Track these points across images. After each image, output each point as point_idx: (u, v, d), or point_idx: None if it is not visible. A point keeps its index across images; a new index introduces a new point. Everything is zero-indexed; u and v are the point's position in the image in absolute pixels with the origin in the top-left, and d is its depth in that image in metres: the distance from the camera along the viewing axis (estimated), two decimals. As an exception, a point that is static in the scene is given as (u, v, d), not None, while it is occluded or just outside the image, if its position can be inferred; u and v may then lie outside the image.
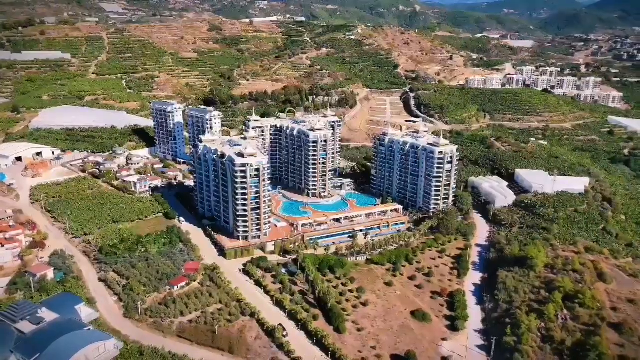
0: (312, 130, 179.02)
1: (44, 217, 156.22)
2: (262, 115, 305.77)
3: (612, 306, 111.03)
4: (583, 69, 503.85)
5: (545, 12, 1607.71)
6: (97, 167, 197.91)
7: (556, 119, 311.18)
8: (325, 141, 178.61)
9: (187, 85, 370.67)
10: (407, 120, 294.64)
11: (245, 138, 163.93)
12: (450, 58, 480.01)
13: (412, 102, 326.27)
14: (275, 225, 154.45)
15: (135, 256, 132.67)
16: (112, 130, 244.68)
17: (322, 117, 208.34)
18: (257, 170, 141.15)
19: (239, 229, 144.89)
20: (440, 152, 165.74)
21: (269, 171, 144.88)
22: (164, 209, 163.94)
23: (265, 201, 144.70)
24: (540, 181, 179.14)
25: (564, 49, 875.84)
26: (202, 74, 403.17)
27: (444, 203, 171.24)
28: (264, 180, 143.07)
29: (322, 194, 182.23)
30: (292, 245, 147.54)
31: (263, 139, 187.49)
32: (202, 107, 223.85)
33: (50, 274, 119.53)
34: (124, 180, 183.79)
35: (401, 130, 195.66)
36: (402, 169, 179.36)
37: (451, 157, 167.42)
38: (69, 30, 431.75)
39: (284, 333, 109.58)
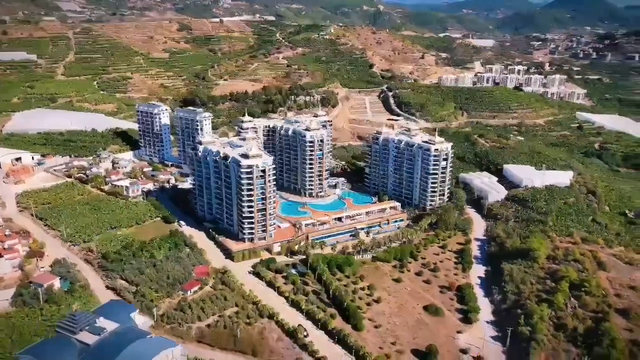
0: (307, 130, 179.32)
1: (35, 225, 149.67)
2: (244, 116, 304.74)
3: (616, 293, 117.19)
4: (547, 67, 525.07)
5: (501, 13, 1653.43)
6: (84, 172, 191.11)
7: (529, 115, 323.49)
8: (322, 141, 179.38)
9: (162, 86, 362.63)
10: (388, 119, 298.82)
11: (244, 139, 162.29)
12: (422, 57, 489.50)
13: (392, 101, 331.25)
14: (279, 226, 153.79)
15: (142, 262, 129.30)
16: (93, 133, 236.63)
17: (314, 116, 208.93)
18: (263, 171, 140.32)
19: (244, 231, 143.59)
20: (436, 150, 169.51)
21: (273, 172, 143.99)
22: (162, 213, 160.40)
23: (271, 202, 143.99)
24: (528, 175, 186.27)
25: (523, 47, 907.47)
26: (176, 75, 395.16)
27: (439, 199, 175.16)
28: (269, 181, 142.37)
29: (319, 194, 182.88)
30: (297, 246, 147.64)
31: (257, 139, 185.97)
32: (191, 108, 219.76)
33: (57, 283, 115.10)
34: (115, 185, 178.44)
35: (393, 128, 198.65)
36: (397, 167, 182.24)
37: (446, 155, 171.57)
38: (33, 30, 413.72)
39: (305, 333, 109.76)
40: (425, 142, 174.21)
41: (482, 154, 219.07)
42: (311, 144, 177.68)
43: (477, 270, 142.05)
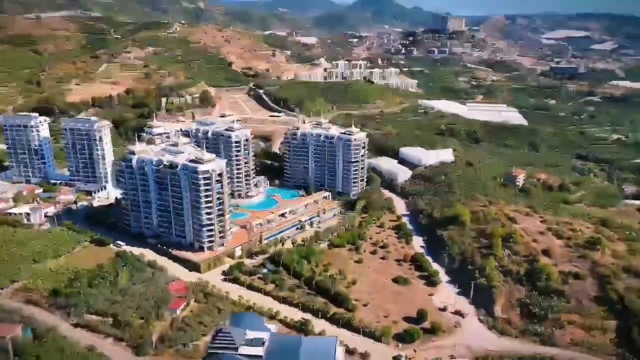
0: (231, 130, 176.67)
1: None
2: (115, 123, 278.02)
3: (532, 239, 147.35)
4: (380, 61, 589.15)
5: (314, 12, 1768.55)
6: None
7: (386, 104, 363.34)
8: (247, 140, 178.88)
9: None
10: (271, 116, 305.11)
11: (176, 145, 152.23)
12: (273, 55, 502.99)
13: (267, 98, 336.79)
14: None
15: (108, 290, 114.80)
16: None
17: (221, 116, 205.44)
18: (220, 175, 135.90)
19: (203, 240, 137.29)
20: (356, 140, 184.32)
21: (228, 175, 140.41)
22: (89, 236, 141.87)
23: (228, 207, 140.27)
24: (424, 155, 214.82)
25: (343, 45, 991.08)
26: (2, 81, 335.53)
27: (360, 185, 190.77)
28: (225, 185, 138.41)
29: (248, 194, 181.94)
30: (256, 247, 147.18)
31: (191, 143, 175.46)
32: (83, 117, 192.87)
33: (19, 331, 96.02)
34: (9, 213, 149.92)
35: (304, 123, 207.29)
36: (318, 159, 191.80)
37: (364, 143, 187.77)
38: None
39: (312, 325, 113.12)
40: (344, 133, 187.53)
41: (375, 141, 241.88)
42: (237, 144, 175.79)
43: (417, 241, 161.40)
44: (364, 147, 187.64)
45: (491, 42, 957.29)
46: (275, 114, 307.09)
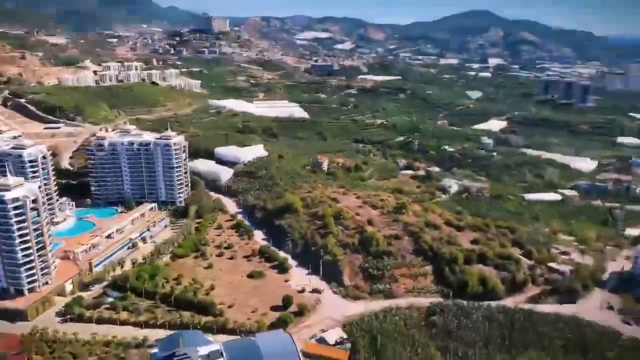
0: (22, 147, 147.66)
1: None
2: None
3: (356, 213, 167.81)
4: (155, 62, 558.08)
5: (52, 8, 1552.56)
6: None
7: (177, 106, 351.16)
8: (45, 157, 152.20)
9: None
10: (46, 127, 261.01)
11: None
12: (23, 57, 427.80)
13: (33, 108, 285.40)
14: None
15: None
16: None
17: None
18: (35, 201, 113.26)
19: (21, 282, 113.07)
20: (175, 144, 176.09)
21: (44, 200, 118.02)
22: None
23: (49, 237, 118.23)
24: (240, 154, 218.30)
25: (102, 45, 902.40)
26: None
27: (185, 190, 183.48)
28: (42, 212, 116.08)
29: (54, 220, 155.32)
30: (88, 277, 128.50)
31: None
32: None
33: None
34: None
35: (107, 131, 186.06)
36: (133, 169, 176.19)
37: (184, 147, 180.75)
38: None
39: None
40: (160, 138, 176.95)
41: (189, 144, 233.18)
42: (32, 164, 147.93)
43: (259, 235, 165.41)
44: (184, 151, 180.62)
45: (255, 42, 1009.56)
46: (52, 125, 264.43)
